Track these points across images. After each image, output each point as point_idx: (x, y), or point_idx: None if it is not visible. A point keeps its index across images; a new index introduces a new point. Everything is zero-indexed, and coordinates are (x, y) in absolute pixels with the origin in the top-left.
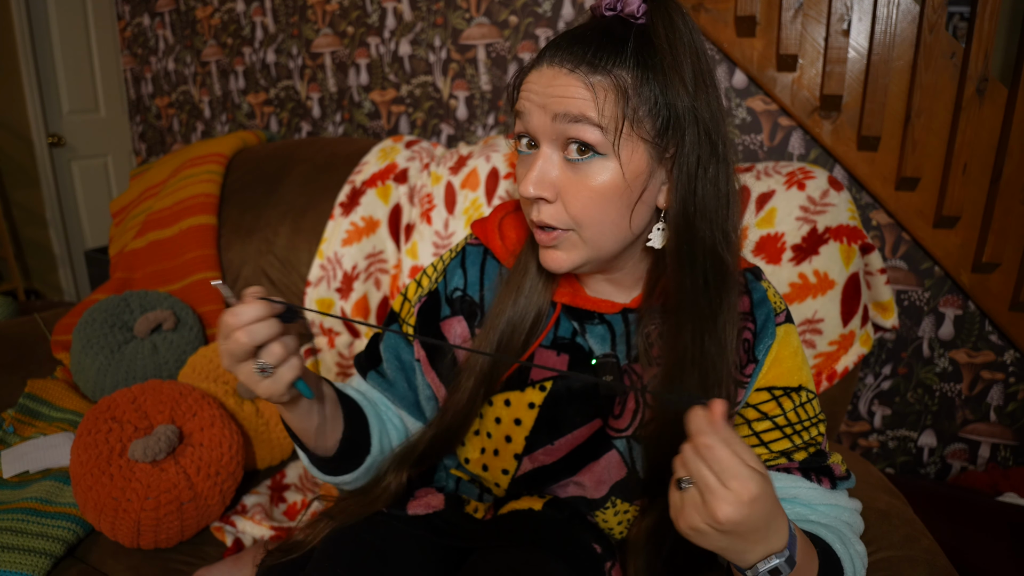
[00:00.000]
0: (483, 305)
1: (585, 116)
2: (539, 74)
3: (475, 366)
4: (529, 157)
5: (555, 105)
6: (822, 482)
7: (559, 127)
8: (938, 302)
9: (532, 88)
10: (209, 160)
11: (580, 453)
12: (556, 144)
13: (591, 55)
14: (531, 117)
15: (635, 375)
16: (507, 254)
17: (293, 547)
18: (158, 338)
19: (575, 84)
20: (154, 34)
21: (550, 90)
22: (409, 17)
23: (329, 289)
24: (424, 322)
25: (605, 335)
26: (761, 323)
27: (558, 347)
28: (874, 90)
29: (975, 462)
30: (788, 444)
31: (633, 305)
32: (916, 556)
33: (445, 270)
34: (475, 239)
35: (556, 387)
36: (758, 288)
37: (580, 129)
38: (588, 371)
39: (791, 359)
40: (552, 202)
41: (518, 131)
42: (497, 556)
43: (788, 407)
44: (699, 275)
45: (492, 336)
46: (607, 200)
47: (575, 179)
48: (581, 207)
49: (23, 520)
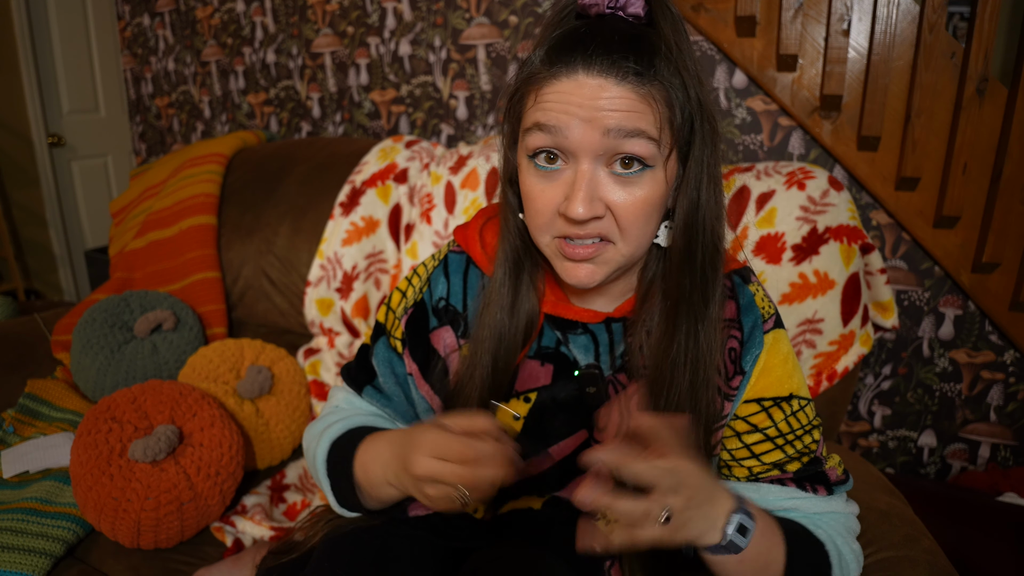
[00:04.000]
0: (467, 315)
1: (642, 131)
2: (575, 84)
3: (472, 395)
4: (555, 173)
5: (608, 120)
6: (817, 491)
7: (611, 142)
8: (938, 302)
9: (569, 100)
10: (209, 160)
11: (566, 465)
12: (600, 160)
13: (634, 63)
14: (569, 132)
15: (620, 385)
16: (488, 263)
17: (293, 547)
18: (158, 338)
19: (629, 96)
20: (154, 34)
21: (599, 102)
22: (409, 17)
23: (329, 289)
24: (413, 334)
25: (588, 345)
26: (748, 331)
27: (542, 357)
28: (874, 90)
29: (975, 462)
30: (780, 455)
31: (616, 315)
32: (916, 557)
33: (429, 279)
34: (457, 246)
35: (541, 398)
36: (745, 292)
37: (634, 144)
38: (573, 380)
39: (781, 367)
40: (602, 217)
41: (540, 145)
42: (497, 556)
43: (779, 418)
44: (697, 272)
45: (484, 356)
46: (654, 210)
47: (624, 192)
48: (633, 219)
49: (23, 520)
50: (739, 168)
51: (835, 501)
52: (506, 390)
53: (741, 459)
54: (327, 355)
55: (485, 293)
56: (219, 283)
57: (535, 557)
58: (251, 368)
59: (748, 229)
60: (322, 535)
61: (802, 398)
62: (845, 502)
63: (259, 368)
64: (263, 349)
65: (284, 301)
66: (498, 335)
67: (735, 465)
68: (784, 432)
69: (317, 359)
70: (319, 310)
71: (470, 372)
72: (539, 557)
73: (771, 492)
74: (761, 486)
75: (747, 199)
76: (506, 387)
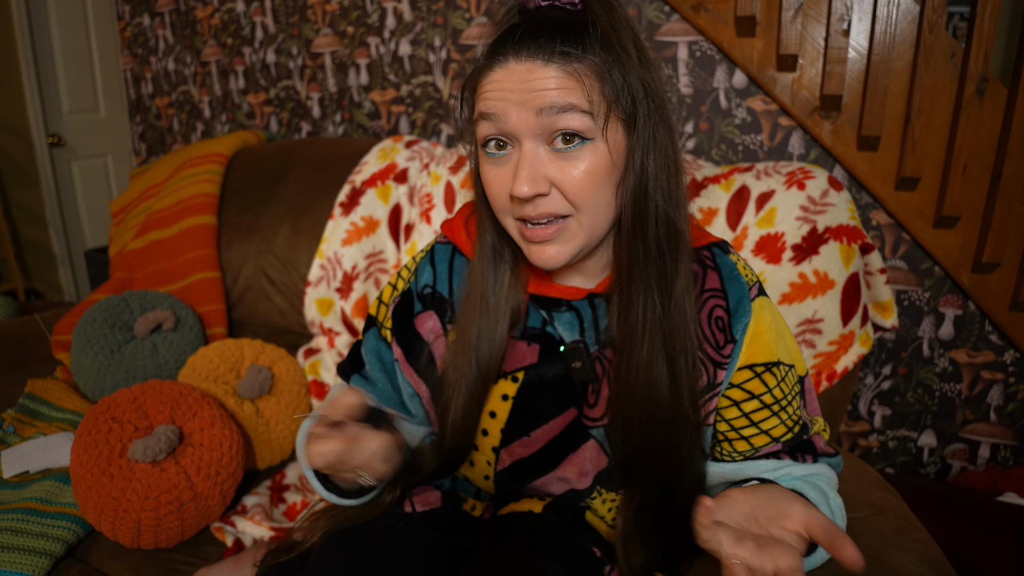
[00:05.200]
0: (452, 300)
1: (573, 105)
2: (507, 72)
3: (460, 382)
4: (504, 158)
5: (538, 99)
6: (806, 459)
7: (545, 120)
8: (938, 302)
9: (503, 87)
10: (209, 160)
11: (558, 444)
12: (540, 139)
13: (560, 44)
14: (507, 117)
15: (606, 361)
16: (473, 249)
17: (292, 547)
18: (158, 338)
19: (556, 75)
20: (154, 34)
21: (528, 85)
22: (409, 17)
23: (329, 289)
24: (398, 321)
25: (573, 322)
26: (735, 301)
27: (528, 337)
28: (874, 90)
29: (975, 462)
30: (777, 423)
31: (599, 290)
32: (907, 545)
33: (416, 269)
34: (444, 237)
35: (529, 377)
36: (727, 262)
37: (568, 119)
38: (559, 359)
39: (768, 332)
40: (547, 195)
41: (487, 134)
42: (496, 559)
43: (772, 383)
44: (651, 242)
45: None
46: (601, 181)
47: (566, 167)
48: (579, 191)
49: (23, 520)
50: (739, 168)
51: (819, 466)
52: (494, 371)
53: (741, 429)
54: (327, 355)
55: (470, 277)
56: (219, 283)
57: (534, 561)
58: (251, 368)
59: (748, 229)
60: (321, 534)
61: (786, 364)
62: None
63: (259, 368)
64: (263, 349)
65: (284, 301)
66: (483, 317)
67: (736, 439)
68: (779, 398)
69: (317, 359)
70: (319, 310)
71: (456, 355)
72: (538, 561)
73: (764, 464)
74: (759, 463)
75: (747, 199)
76: (493, 368)
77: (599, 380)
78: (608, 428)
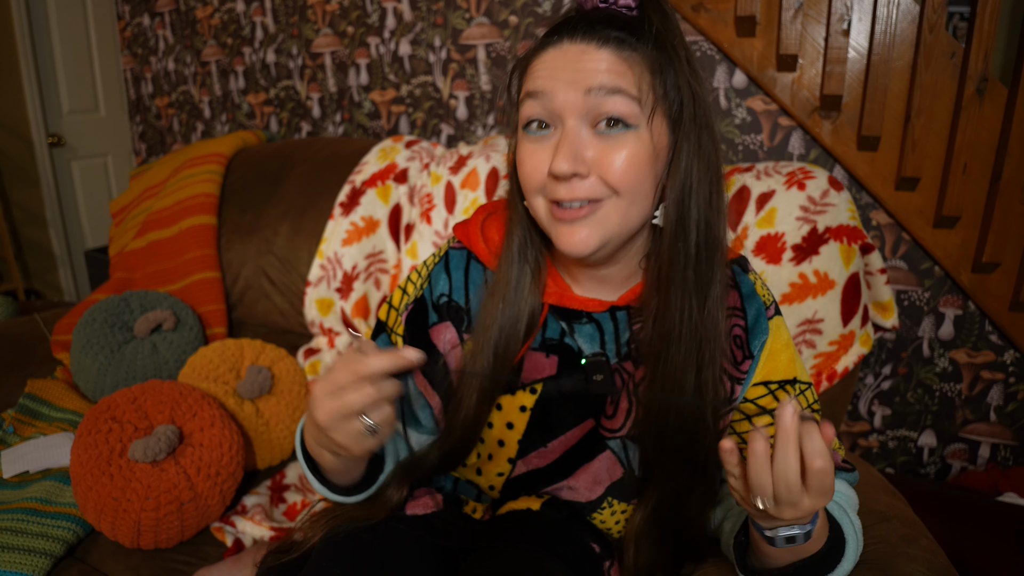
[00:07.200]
0: (469, 309)
1: (622, 88)
2: (560, 51)
3: (473, 387)
4: (545, 137)
5: (588, 79)
6: None
7: (592, 101)
8: (938, 302)
9: (555, 65)
10: (209, 160)
11: (573, 455)
12: (585, 120)
13: (615, 33)
14: (555, 94)
15: (626, 374)
16: (491, 257)
17: (292, 547)
18: (158, 338)
19: (609, 58)
20: (154, 34)
21: (581, 64)
22: (409, 17)
23: (329, 289)
24: (412, 330)
25: (594, 334)
26: (753, 318)
27: (547, 348)
28: (874, 90)
29: (975, 462)
30: None
31: (620, 303)
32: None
33: (429, 276)
34: (458, 242)
35: (547, 389)
36: (746, 281)
37: (615, 102)
38: (579, 371)
39: (784, 351)
40: (586, 177)
41: (532, 114)
42: (496, 557)
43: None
44: (692, 247)
45: (487, 347)
46: (641, 170)
47: (608, 150)
48: (621, 174)
49: (23, 520)
50: (739, 168)
51: (838, 483)
52: (510, 382)
53: None
54: (327, 355)
55: (490, 285)
56: (219, 283)
57: (534, 557)
58: (251, 368)
59: (748, 229)
60: (321, 535)
61: (803, 382)
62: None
63: (259, 368)
64: (263, 349)
65: (284, 301)
66: (500, 326)
67: None
68: None
69: (317, 359)
70: (319, 310)
71: (472, 364)
72: (538, 557)
73: None
74: None
75: (747, 199)
76: (507, 368)
77: (619, 392)
78: (631, 439)
